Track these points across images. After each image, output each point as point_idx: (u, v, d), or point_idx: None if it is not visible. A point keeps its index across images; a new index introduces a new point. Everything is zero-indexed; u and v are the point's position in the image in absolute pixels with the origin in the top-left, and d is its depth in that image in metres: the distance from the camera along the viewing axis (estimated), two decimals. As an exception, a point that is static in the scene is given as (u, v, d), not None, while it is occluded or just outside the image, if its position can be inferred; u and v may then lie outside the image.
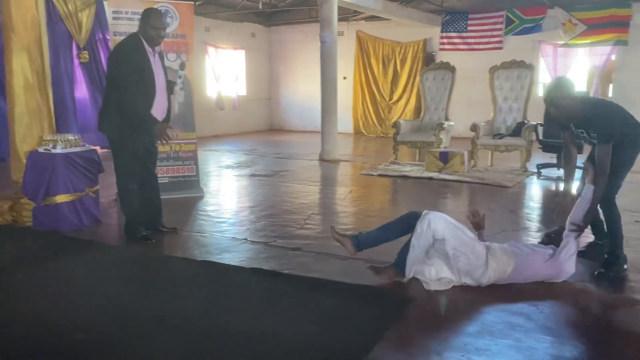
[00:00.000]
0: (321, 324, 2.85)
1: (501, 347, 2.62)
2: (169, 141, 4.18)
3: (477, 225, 3.72)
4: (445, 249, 3.22)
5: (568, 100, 3.35)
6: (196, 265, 3.76)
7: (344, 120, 13.25)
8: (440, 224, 3.22)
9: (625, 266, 3.56)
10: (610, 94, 11.17)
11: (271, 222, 4.94)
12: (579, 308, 3.10)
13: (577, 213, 3.44)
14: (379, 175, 7.45)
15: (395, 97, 12.97)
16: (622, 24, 10.22)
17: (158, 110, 4.16)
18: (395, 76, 12.93)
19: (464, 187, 6.76)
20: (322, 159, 8.86)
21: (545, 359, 2.50)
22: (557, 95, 3.36)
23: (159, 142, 4.17)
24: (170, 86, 4.32)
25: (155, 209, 4.49)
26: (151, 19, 4.03)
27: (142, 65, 4.03)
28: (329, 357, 2.49)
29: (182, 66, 4.53)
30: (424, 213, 3.32)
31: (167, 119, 4.35)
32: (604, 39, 10.42)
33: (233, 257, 3.93)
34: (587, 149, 3.98)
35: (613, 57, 10.76)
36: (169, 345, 2.62)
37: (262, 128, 14.46)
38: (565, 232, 3.47)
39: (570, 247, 3.39)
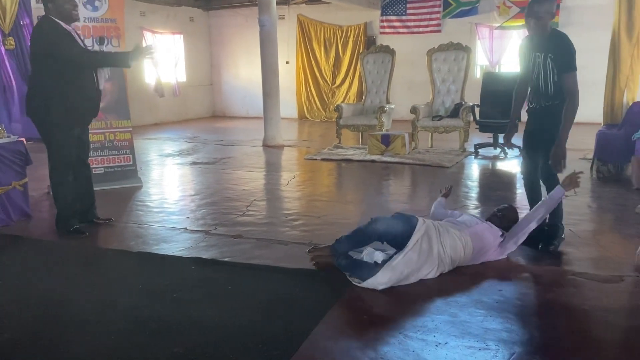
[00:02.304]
0: (260, 310, 2.83)
1: (437, 322, 2.68)
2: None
3: (446, 195, 4.10)
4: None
5: (548, 16, 3.47)
6: (132, 257, 3.65)
7: (288, 105, 13.18)
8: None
9: (563, 236, 3.75)
10: (543, 75, 11.58)
11: (212, 210, 4.86)
12: (512, 281, 3.20)
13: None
14: (323, 159, 7.46)
15: (338, 81, 12.98)
16: (552, 7, 10.58)
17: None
18: (338, 60, 12.94)
19: (406, 168, 6.87)
20: (265, 145, 8.79)
21: (479, 332, 2.58)
22: (542, 9, 3.45)
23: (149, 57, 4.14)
24: None
25: (89, 200, 4.32)
26: None
27: (72, 40, 3.85)
28: (267, 343, 2.47)
29: (102, 41, 4.29)
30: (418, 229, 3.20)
31: (98, 101, 4.17)
32: (536, 22, 10.75)
33: (171, 247, 3.84)
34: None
35: (545, 39, 11.14)
36: (104, 338, 2.54)
37: (205, 115, 14.18)
38: (527, 216, 3.53)
39: (524, 234, 3.47)
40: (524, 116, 3.91)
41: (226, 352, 2.42)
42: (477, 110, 7.77)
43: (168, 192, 5.76)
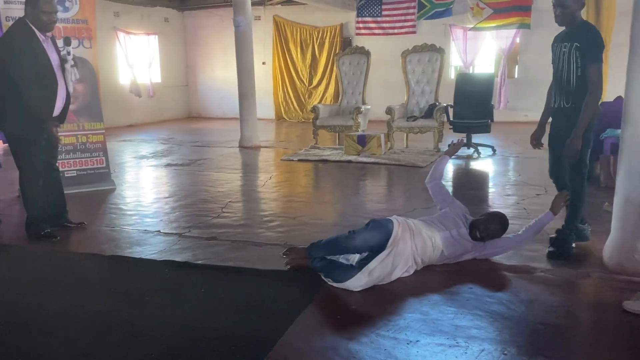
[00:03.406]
0: (234, 313, 2.82)
1: (409, 321, 2.71)
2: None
3: (451, 153, 4.00)
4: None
5: (576, 5, 3.40)
6: (104, 261, 3.61)
7: (265, 106, 13.16)
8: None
9: (573, 245, 3.62)
10: (516, 75, 11.79)
11: (186, 212, 4.84)
12: (483, 279, 3.26)
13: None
14: (299, 160, 7.47)
15: (314, 82, 13.01)
16: (524, 8, 10.75)
17: (59, 97, 3.93)
18: (314, 61, 12.97)
19: (382, 168, 6.93)
20: (241, 146, 8.76)
21: (449, 329, 2.62)
22: None
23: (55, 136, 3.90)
24: (62, 66, 4.04)
25: (59, 204, 4.26)
26: (40, 3, 3.76)
27: (36, 54, 3.77)
28: (239, 346, 2.47)
29: (68, 42, 4.19)
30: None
31: (67, 104, 4.11)
32: (508, 23, 10.93)
33: (144, 251, 3.81)
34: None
35: (518, 40, 11.34)
36: (73, 344, 2.52)
37: (180, 116, 14.07)
38: (514, 237, 3.47)
39: (501, 253, 3.48)
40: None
41: (197, 356, 2.41)
42: (451, 110, 7.87)
43: (142, 194, 5.70)
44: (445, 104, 7.92)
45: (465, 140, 4.00)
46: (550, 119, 3.80)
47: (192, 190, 5.75)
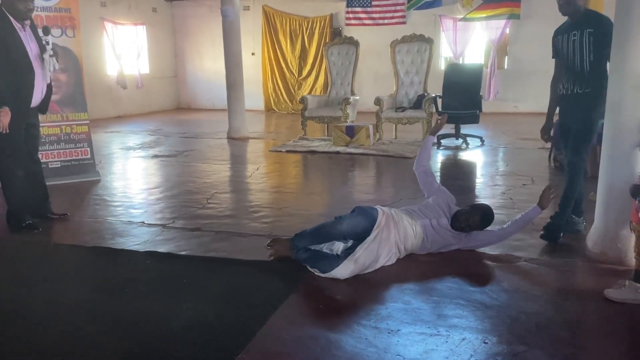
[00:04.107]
0: (215, 303, 2.80)
1: (391, 310, 2.70)
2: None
3: (434, 131, 3.96)
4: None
5: None
6: (86, 252, 3.57)
7: (255, 97, 13.08)
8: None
9: (561, 234, 3.63)
10: (506, 66, 11.78)
11: (171, 203, 4.80)
12: (466, 268, 3.25)
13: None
14: (287, 151, 7.43)
15: (304, 73, 12.93)
16: (514, -1, 10.75)
17: (37, 88, 3.86)
18: (304, 52, 12.88)
19: (370, 159, 6.91)
20: (230, 137, 8.70)
21: (431, 318, 2.61)
22: None
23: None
24: (41, 56, 3.96)
25: (41, 195, 4.20)
26: None
27: (8, 43, 3.69)
28: (219, 336, 2.46)
29: (46, 31, 4.05)
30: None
31: (49, 94, 4.04)
32: (498, 13, 10.91)
33: (127, 242, 3.77)
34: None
35: (507, 31, 11.32)
36: (52, 335, 2.49)
37: (169, 107, 13.95)
38: (498, 232, 3.45)
39: (483, 246, 3.46)
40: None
41: (176, 347, 2.39)
42: (439, 101, 7.85)
43: (127, 185, 5.64)
44: (434, 95, 7.89)
45: (447, 117, 3.99)
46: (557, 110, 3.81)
47: (178, 182, 5.70)
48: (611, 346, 2.42)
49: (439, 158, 7.03)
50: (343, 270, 3.06)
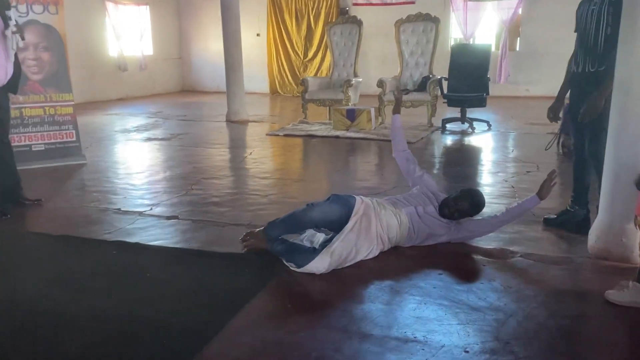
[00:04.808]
0: (176, 300, 2.57)
1: (365, 311, 2.46)
2: None
3: (397, 109, 3.64)
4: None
5: None
6: (51, 241, 3.35)
7: (260, 79, 12.81)
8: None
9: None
10: (518, 48, 11.34)
11: (154, 189, 4.58)
12: (455, 264, 2.99)
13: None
14: (285, 135, 7.17)
15: (310, 55, 12.59)
16: (528, -23, 10.29)
17: (1, 69, 3.63)
18: (310, 32, 12.52)
19: (370, 144, 6.63)
20: (229, 120, 8.45)
21: (408, 321, 2.35)
22: None
23: None
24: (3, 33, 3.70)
25: (12, 180, 4.00)
26: None
27: None
28: (175, 337, 2.23)
29: (6, 5, 3.76)
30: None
31: (17, 73, 3.81)
32: (510, -8, 10.48)
33: (98, 230, 3.55)
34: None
35: (520, 11, 10.87)
36: (-9, 336, 2.28)
37: (173, 89, 13.71)
38: (491, 219, 3.19)
39: (476, 237, 3.21)
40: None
41: (125, 348, 2.17)
42: (444, 83, 7.50)
43: (112, 170, 5.39)
44: (439, 77, 7.55)
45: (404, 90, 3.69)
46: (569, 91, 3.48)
47: (165, 166, 5.48)
48: (610, 357, 2.15)
49: (440, 143, 6.73)
50: (319, 264, 2.81)
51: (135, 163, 5.73)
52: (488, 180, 4.87)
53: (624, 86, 2.74)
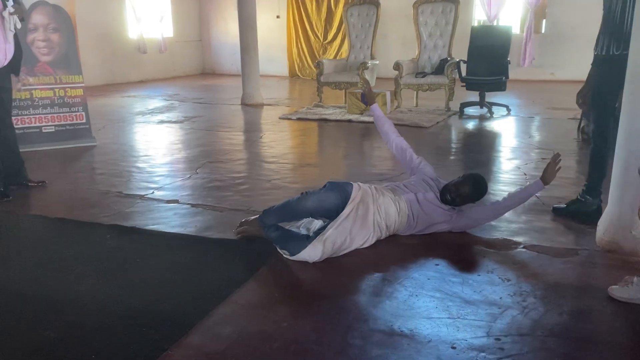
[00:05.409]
0: (162, 287, 2.53)
1: (353, 302, 2.38)
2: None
3: (369, 100, 3.50)
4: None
5: None
6: (47, 224, 3.35)
7: (279, 62, 12.67)
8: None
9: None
10: (543, 30, 10.95)
11: (158, 172, 4.55)
12: (454, 255, 2.87)
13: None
14: (298, 119, 7.07)
15: (329, 37, 12.39)
16: (556, -45, 9.88)
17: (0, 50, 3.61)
18: (330, 14, 12.30)
19: (384, 128, 6.46)
20: (244, 104, 8.38)
21: (398, 313, 2.26)
22: None
23: None
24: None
25: (15, 162, 4.00)
26: None
27: None
28: (154, 326, 2.18)
29: None
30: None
31: (18, 54, 3.79)
32: (537, -28, 10.07)
33: (97, 213, 3.53)
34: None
35: (547, -9, 10.47)
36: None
37: (193, 72, 13.69)
38: (495, 204, 3.06)
39: (478, 224, 3.09)
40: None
41: (102, 335, 2.13)
42: (463, 66, 7.27)
43: (120, 152, 5.36)
44: (457, 59, 7.33)
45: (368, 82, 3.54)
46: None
47: (173, 149, 5.45)
48: (602, 357, 2.03)
49: (456, 128, 6.54)
50: (312, 252, 2.73)
51: (144, 146, 5.70)
52: (500, 167, 4.71)
53: (637, 74, 2.56)
